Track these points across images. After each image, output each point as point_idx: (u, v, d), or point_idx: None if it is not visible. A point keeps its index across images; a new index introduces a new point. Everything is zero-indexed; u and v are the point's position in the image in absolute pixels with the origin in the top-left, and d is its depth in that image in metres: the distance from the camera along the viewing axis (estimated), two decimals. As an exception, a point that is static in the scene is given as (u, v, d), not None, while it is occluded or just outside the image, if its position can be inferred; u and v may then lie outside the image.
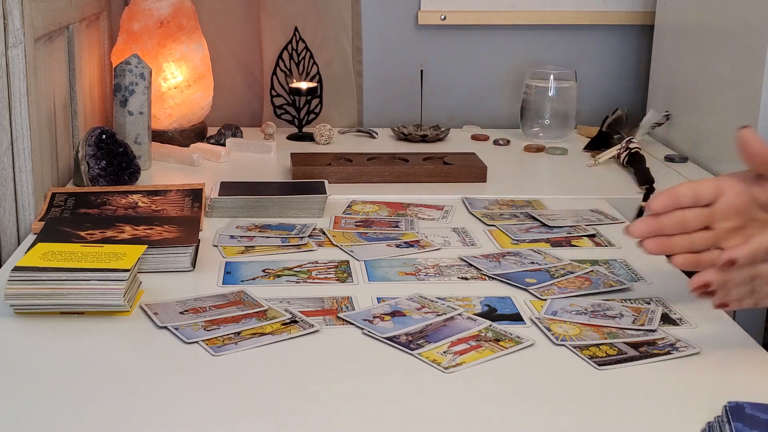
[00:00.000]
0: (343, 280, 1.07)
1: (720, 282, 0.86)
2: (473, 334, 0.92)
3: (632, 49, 1.97)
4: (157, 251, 1.07)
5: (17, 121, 1.21)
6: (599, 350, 0.88)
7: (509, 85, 1.96)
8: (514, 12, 1.93)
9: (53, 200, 1.28)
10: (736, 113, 1.49)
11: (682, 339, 0.91)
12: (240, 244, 1.18)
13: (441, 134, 1.79)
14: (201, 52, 1.71)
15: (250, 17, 1.89)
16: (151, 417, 0.76)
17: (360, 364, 0.87)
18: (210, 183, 1.39)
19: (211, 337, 0.90)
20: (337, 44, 1.88)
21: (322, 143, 1.75)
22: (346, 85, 1.90)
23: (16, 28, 1.19)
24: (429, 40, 1.94)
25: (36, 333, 0.92)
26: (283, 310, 0.97)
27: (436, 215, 1.32)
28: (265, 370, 0.84)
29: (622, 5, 1.94)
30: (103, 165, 1.36)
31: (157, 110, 1.66)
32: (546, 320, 0.95)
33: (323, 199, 1.31)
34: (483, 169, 1.50)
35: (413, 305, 0.98)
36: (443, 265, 1.12)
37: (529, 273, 1.09)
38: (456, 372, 0.84)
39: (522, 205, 1.37)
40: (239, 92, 1.94)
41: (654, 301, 1.01)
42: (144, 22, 1.65)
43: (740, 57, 1.48)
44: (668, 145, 1.78)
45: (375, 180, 1.48)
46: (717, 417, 0.72)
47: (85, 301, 0.94)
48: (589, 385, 0.82)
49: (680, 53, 1.74)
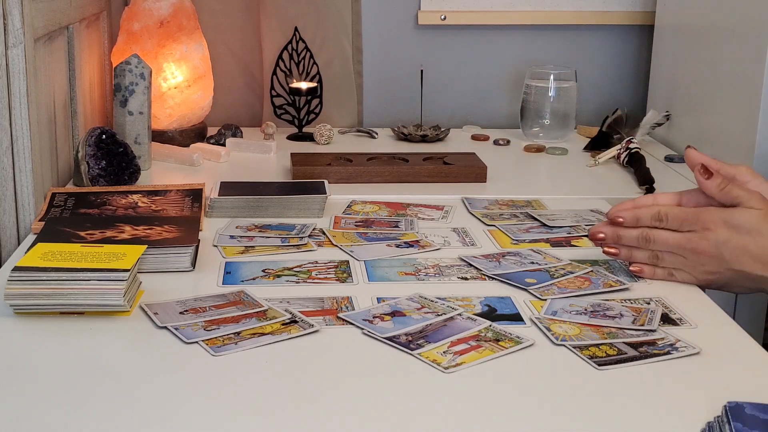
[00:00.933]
0: (343, 280, 1.07)
1: (613, 236, 1.07)
2: (473, 334, 0.92)
3: (632, 49, 1.97)
4: (157, 251, 1.07)
5: (17, 121, 1.21)
6: (599, 350, 0.88)
7: (509, 85, 1.96)
8: (514, 12, 1.93)
9: (53, 200, 1.28)
10: (736, 113, 1.49)
11: (682, 339, 0.91)
12: (240, 244, 1.18)
13: (441, 134, 1.79)
14: (201, 52, 1.71)
15: (250, 17, 1.89)
16: (151, 417, 0.76)
17: (360, 364, 0.87)
18: (210, 183, 1.39)
19: (211, 337, 0.90)
20: (337, 44, 1.88)
21: (322, 143, 1.75)
22: (346, 85, 1.90)
23: (16, 28, 1.19)
24: (429, 40, 1.95)
25: (36, 333, 0.92)
26: (283, 310, 0.97)
27: (436, 215, 1.32)
28: (265, 370, 0.84)
29: (622, 5, 1.94)
30: (103, 165, 1.36)
31: (157, 110, 1.66)
32: (546, 320, 0.95)
33: (323, 199, 1.31)
34: (483, 169, 1.50)
35: (413, 305, 0.98)
36: (443, 265, 1.12)
37: (528, 273, 1.09)
38: (456, 372, 0.84)
39: (522, 205, 1.37)
40: (239, 92, 1.94)
41: (654, 301, 1.01)
42: (144, 22, 1.65)
43: (740, 57, 1.48)
44: (668, 145, 1.78)
45: (375, 180, 1.48)
46: (717, 417, 0.72)
47: (85, 301, 0.94)
48: (589, 385, 0.82)
49: (680, 53, 1.74)
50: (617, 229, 1.07)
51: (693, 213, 1.02)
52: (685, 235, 1.02)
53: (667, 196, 1.08)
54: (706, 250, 1.01)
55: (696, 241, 1.01)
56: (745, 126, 1.45)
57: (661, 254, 1.05)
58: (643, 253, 1.06)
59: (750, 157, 1.43)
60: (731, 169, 1.04)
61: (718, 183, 1.01)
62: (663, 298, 1.02)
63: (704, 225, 1.01)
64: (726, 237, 0.99)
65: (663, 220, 1.04)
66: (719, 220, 1.00)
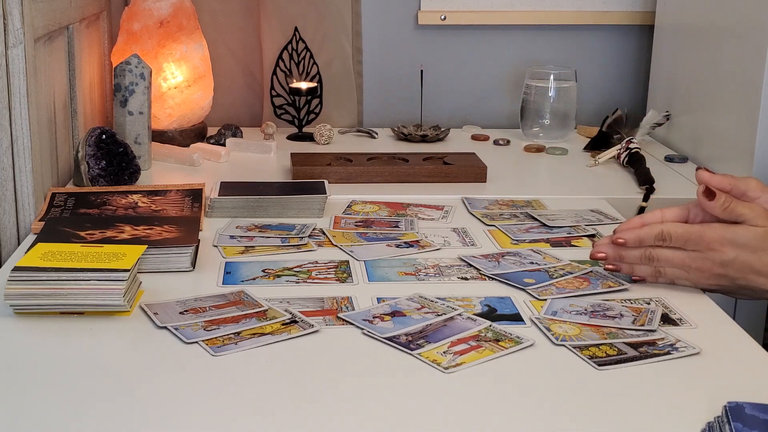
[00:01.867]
0: (343, 280, 1.07)
1: (614, 256, 1.05)
2: (473, 334, 0.92)
3: (632, 49, 1.97)
4: (157, 251, 1.07)
5: (17, 121, 1.21)
6: (599, 350, 0.88)
7: (509, 85, 1.96)
8: (514, 12, 1.93)
9: (53, 200, 1.28)
10: (737, 113, 1.49)
11: (682, 339, 0.91)
12: (240, 244, 1.18)
13: (441, 134, 1.79)
14: (201, 52, 1.71)
15: (250, 17, 1.89)
16: (151, 417, 0.76)
17: (360, 364, 0.87)
18: (210, 183, 1.39)
19: (211, 337, 0.90)
20: (337, 44, 1.88)
21: (322, 143, 1.75)
22: (346, 85, 1.90)
23: (16, 28, 1.19)
24: (429, 40, 1.95)
25: (36, 333, 0.92)
26: (283, 310, 0.97)
27: (436, 215, 1.32)
28: (265, 370, 0.84)
29: (622, 5, 1.94)
30: (103, 165, 1.36)
31: (157, 110, 1.66)
32: (546, 320, 0.95)
33: (323, 199, 1.31)
34: (483, 169, 1.50)
35: (413, 305, 0.98)
36: (443, 265, 1.12)
37: (527, 273, 1.09)
38: (456, 372, 0.84)
39: (522, 205, 1.37)
40: (239, 92, 1.94)
41: (654, 301, 1.01)
42: (144, 22, 1.65)
43: (740, 57, 1.48)
44: (668, 145, 1.78)
45: (375, 180, 1.48)
46: (717, 417, 0.72)
47: (85, 301, 0.94)
48: (589, 385, 0.82)
49: (680, 53, 1.74)
50: (619, 249, 1.05)
51: (697, 232, 1.00)
52: (690, 254, 1.01)
53: (673, 211, 1.06)
54: (711, 268, 1.00)
55: (700, 261, 1.01)
56: (745, 126, 1.45)
57: (663, 269, 1.04)
58: (645, 268, 1.05)
59: (750, 157, 1.43)
60: (742, 185, 1.03)
61: (721, 203, 1.00)
62: (663, 299, 1.02)
63: (709, 245, 1.00)
64: (731, 257, 0.99)
65: (666, 240, 1.02)
66: (724, 240, 0.99)
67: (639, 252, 1.04)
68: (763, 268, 0.98)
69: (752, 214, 0.99)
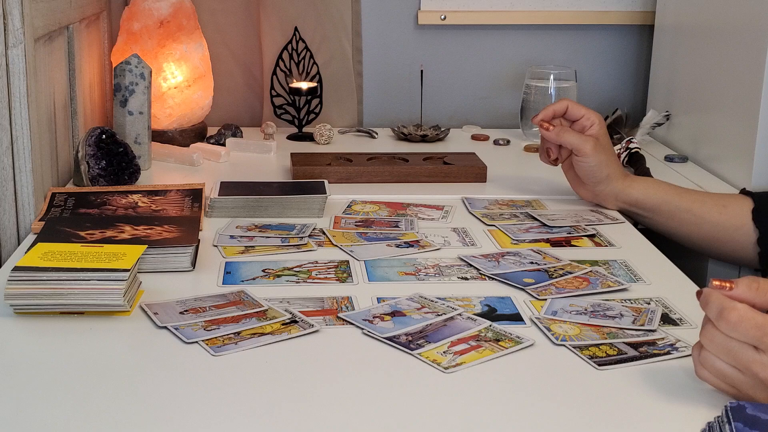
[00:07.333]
0: (343, 280, 1.07)
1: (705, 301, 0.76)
2: (473, 334, 0.92)
3: (632, 49, 1.97)
4: (157, 251, 1.07)
5: (17, 121, 1.21)
6: (599, 350, 0.88)
7: (509, 85, 1.96)
8: (514, 12, 1.93)
9: (53, 200, 1.28)
10: (736, 113, 1.49)
11: (682, 339, 0.91)
12: (240, 244, 1.18)
13: (441, 134, 1.79)
14: (201, 52, 1.71)
15: (250, 17, 1.89)
16: (151, 417, 0.76)
17: (360, 364, 0.87)
18: (210, 183, 1.39)
19: (211, 337, 0.90)
20: (337, 44, 1.88)
21: (322, 143, 1.75)
22: (345, 85, 1.90)
23: (16, 28, 1.19)
24: (429, 40, 1.94)
25: (36, 333, 0.92)
26: (283, 310, 0.97)
27: (436, 215, 1.32)
28: (265, 370, 0.84)
29: (622, 5, 1.94)
30: (103, 165, 1.36)
31: (157, 110, 1.66)
32: (546, 320, 0.95)
33: (323, 199, 1.31)
34: (483, 169, 1.50)
35: (413, 305, 0.98)
36: (443, 265, 1.12)
37: (527, 273, 1.09)
38: (456, 372, 0.84)
39: (522, 205, 1.37)
40: (239, 92, 1.94)
41: (654, 301, 1.01)
42: (144, 22, 1.65)
43: (740, 57, 1.48)
44: (668, 145, 1.78)
45: (375, 180, 1.48)
46: (717, 417, 0.72)
47: (85, 301, 0.94)
48: (589, 385, 0.82)
49: (680, 53, 1.74)
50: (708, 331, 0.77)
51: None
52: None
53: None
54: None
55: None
56: (745, 126, 1.45)
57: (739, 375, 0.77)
58: (724, 362, 0.77)
59: (750, 157, 1.43)
60: (586, 121, 1.30)
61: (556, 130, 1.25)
62: (663, 299, 1.02)
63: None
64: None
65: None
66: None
67: (725, 342, 0.75)
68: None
69: (580, 141, 1.25)
